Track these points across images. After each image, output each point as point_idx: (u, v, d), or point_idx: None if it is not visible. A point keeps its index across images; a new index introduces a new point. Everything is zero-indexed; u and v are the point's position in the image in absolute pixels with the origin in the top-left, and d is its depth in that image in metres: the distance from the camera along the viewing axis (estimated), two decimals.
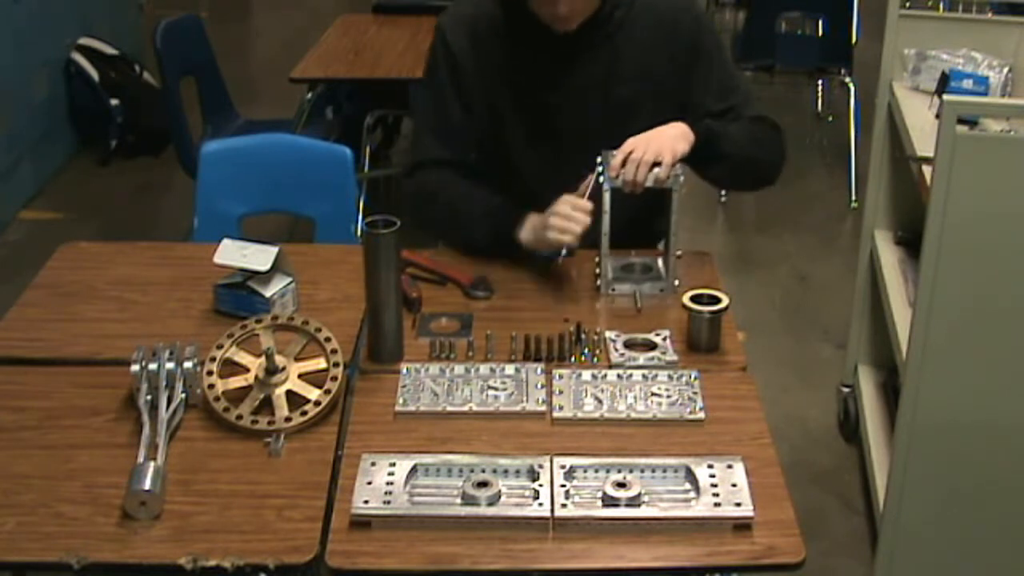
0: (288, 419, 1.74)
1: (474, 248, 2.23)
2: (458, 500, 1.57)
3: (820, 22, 4.91)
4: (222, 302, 2.03)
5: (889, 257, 2.96)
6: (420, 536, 1.53)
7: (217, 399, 1.76)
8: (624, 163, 2.03)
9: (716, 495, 1.58)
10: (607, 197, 2.04)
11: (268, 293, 1.99)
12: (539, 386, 1.83)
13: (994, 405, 2.28)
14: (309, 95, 4.03)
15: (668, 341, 1.95)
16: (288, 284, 2.02)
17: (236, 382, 1.80)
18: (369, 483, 1.59)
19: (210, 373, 1.79)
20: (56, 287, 2.16)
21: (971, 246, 2.16)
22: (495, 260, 2.21)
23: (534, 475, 1.61)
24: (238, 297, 2.00)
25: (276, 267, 2.01)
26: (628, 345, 1.94)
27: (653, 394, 1.82)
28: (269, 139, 2.82)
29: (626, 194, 2.05)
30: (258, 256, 1.99)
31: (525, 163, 2.26)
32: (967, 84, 2.81)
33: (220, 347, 1.83)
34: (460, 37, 2.22)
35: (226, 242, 2.02)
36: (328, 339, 1.84)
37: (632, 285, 1.86)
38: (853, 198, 4.75)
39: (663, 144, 2.04)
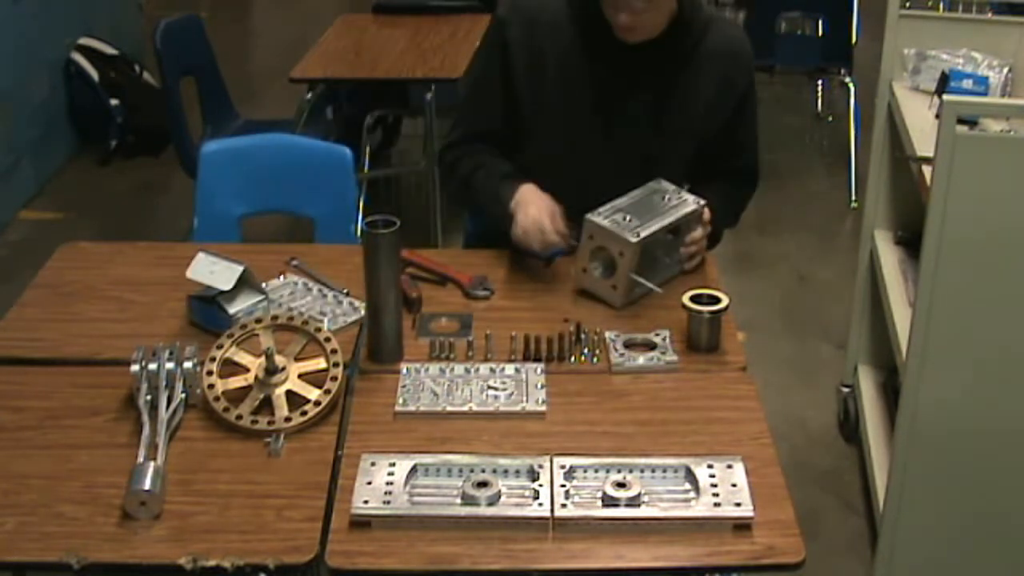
0: (288, 419, 1.74)
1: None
2: (458, 500, 1.57)
3: (820, 22, 4.91)
4: (195, 314, 2.01)
5: (889, 257, 2.96)
6: (420, 536, 1.53)
7: (217, 399, 1.76)
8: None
9: (716, 495, 1.58)
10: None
11: (232, 311, 1.97)
12: (539, 386, 1.83)
13: (994, 405, 2.28)
14: (309, 95, 4.03)
15: (668, 341, 1.95)
16: (258, 302, 2.00)
17: (236, 382, 1.80)
18: (369, 483, 1.59)
19: (210, 373, 1.79)
20: (56, 287, 2.16)
21: (971, 246, 2.16)
22: (495, 260, 2.21)
23: (534, 475, 1.61)
24: (208, 311, 1.99)
25: (246, 284, 2.00)
26: (628, 345, 1.94)
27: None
28: (269, 139, 2.82)
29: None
30: (224, 274, 1.97)
31: (556, 168, 2.22)
32: (967, 84, 2.81)
33: (220, 347, 1.83)
34: (518, 31, 2.19)
35: (200, 256, 2.00)
36: (328, 339, 1.84)
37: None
38: (853, 198, 4.75)
39: None
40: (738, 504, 1.56)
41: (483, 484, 1.58)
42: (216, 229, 2.62)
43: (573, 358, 1.92)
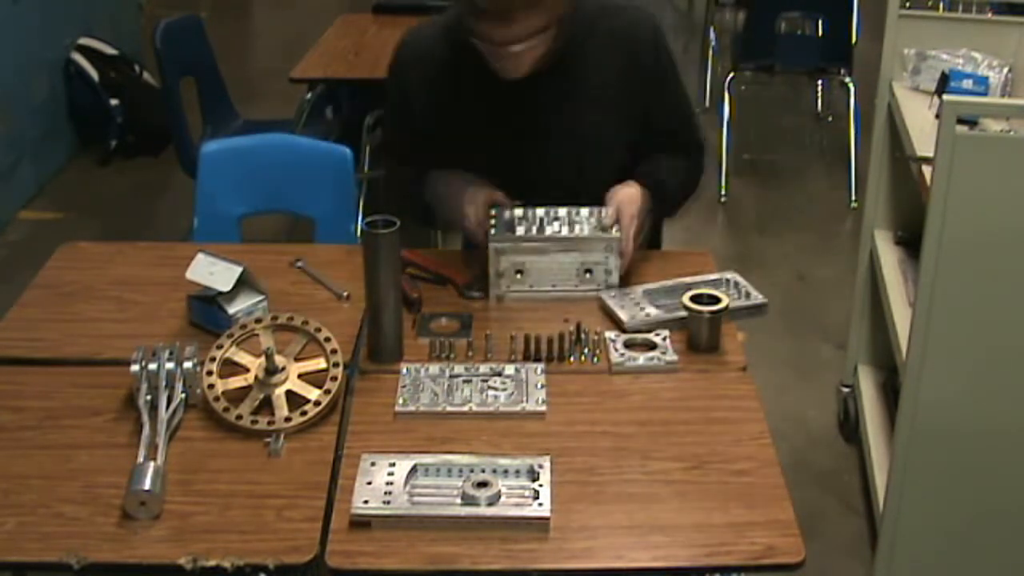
0: (288, 419, 1.74)
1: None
2: (458, 500, 1.57)
3: (820, 22, 4.91)
4: (194, 314, 2.01)
5: (889, 257, 2.96)
6: (420, 536, 1.53)
7: (217, 399, 1.76)
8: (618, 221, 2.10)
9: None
10: None
11: (232, 311, 1.97)
12: (539, 386, 1.83)
13: (994, 405, 2.28)
14: (309, 95, 4.03)
15: (668, 341, 1.95)
16: (258, 302, 2.00)
17: (236, 382, 1.80)
18: (369, 483, 1.59)
19: (210, 373, 1.79)
20: (56, 287, 2.16)
21: (971, 246, 2.16)
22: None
23: (534, 475, 1.61)
24: (208, 311, 1.99)
25: (246, 284, 2.00)
26: (628, 345, 1.94)
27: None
28: (269, 139, 2.82)
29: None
30: (224, 275, 1.97)
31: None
32: (967, 84, 2.81)
33: (220, 347, 1.83)
34: (413, 73, 2.22)
35: (199, 256, 2.00)
36: (328, 339, 1.84)
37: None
38: (853, 198, 4.75)
39: (642, 218, 2.12)
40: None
41: (483, 484, 1.58)
42: (216, 229, 2.62)
43: (573, 358, 1.92)
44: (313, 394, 1.78)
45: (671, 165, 2.26)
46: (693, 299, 1.95)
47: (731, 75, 4.98)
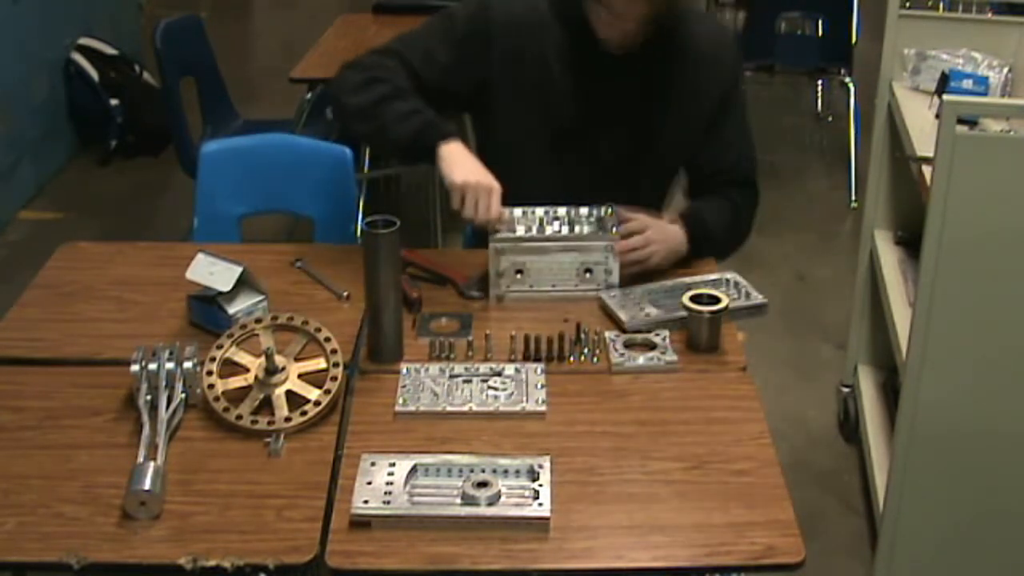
0: (288, 419, 1.74)
1: (384, 143, 2.26)
2: (458, 500, 1.57)
3: (820, 22, 4.91)
4: (194, 314, 2.01)
5: (889, 257, 2.96)
6: (420, 536, 1.53)
7: (217, 399, 1.76)
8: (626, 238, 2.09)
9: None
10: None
11: (232, 311, 1.97)
12: (539, 386, 1.83)
13: (994, 405, 2.28)
14: (309, 95, 4.03)
15: (668, 341, 1.95)
16: (258, 302, 2.00)
17: (236, 382, 1.80)
18: (369, 483, 1.59)
19: (210, 373, 1.79)
20: (56, 287, 2.16)
21: (971, 246, 2.16)
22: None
23: (534, 475, 1.61)
24: (208, 311, 1.99)
25: (246, 284, 2.00)
26: (628, 345, 1.94)
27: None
28: (269, 139, 2.82)
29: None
30: (224, 275, 1.97)
31: (528, 161, 2.24)
32: (967, 84, 2.81)
33: (220, 347, 1.83)
34: (503, 22, 2.19)
35: (199, 256, 2.00)
36: (328, 339, 1.84)
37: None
38: (853, 198, 4.75)
39: (663, 255, 2.13)
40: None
41: (483, 484, 1.58)
42: (216, 229, 2.62)
43: (573, 358, 1.92)
44: (313, 394, 1.78)
45: (718, 205, 2.25)
46: (693, 299, 1.95)
47: None
